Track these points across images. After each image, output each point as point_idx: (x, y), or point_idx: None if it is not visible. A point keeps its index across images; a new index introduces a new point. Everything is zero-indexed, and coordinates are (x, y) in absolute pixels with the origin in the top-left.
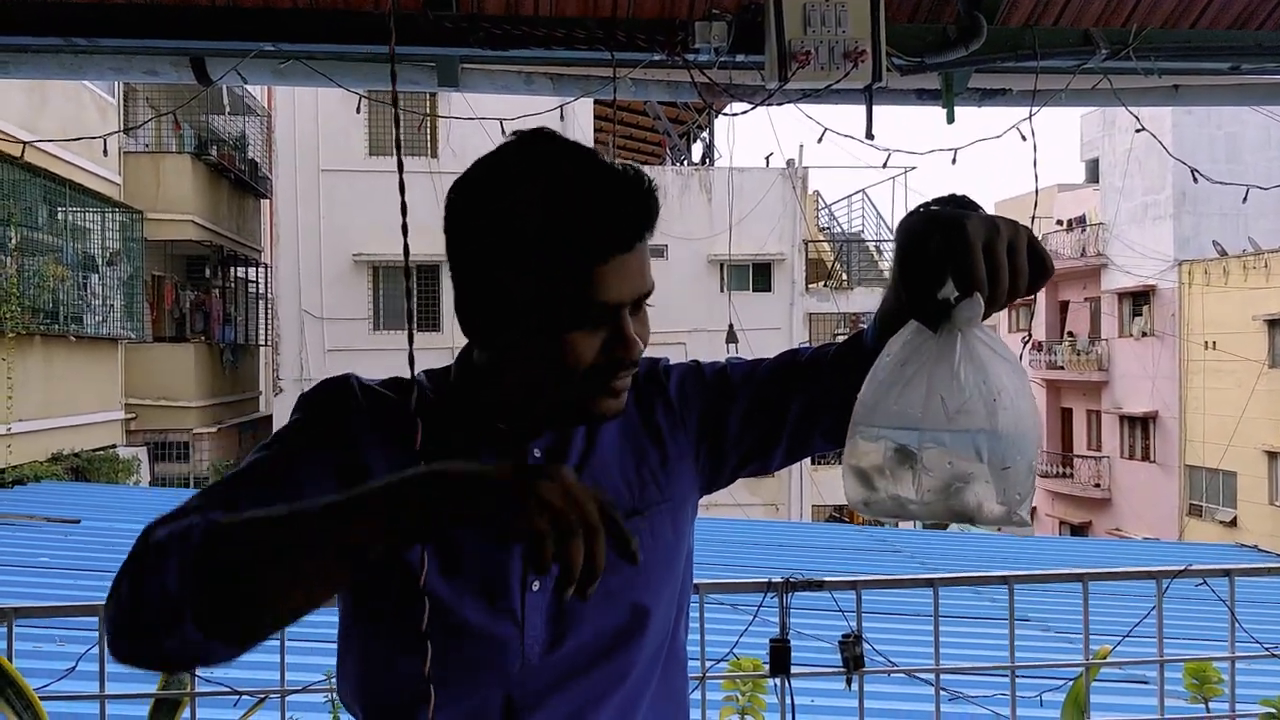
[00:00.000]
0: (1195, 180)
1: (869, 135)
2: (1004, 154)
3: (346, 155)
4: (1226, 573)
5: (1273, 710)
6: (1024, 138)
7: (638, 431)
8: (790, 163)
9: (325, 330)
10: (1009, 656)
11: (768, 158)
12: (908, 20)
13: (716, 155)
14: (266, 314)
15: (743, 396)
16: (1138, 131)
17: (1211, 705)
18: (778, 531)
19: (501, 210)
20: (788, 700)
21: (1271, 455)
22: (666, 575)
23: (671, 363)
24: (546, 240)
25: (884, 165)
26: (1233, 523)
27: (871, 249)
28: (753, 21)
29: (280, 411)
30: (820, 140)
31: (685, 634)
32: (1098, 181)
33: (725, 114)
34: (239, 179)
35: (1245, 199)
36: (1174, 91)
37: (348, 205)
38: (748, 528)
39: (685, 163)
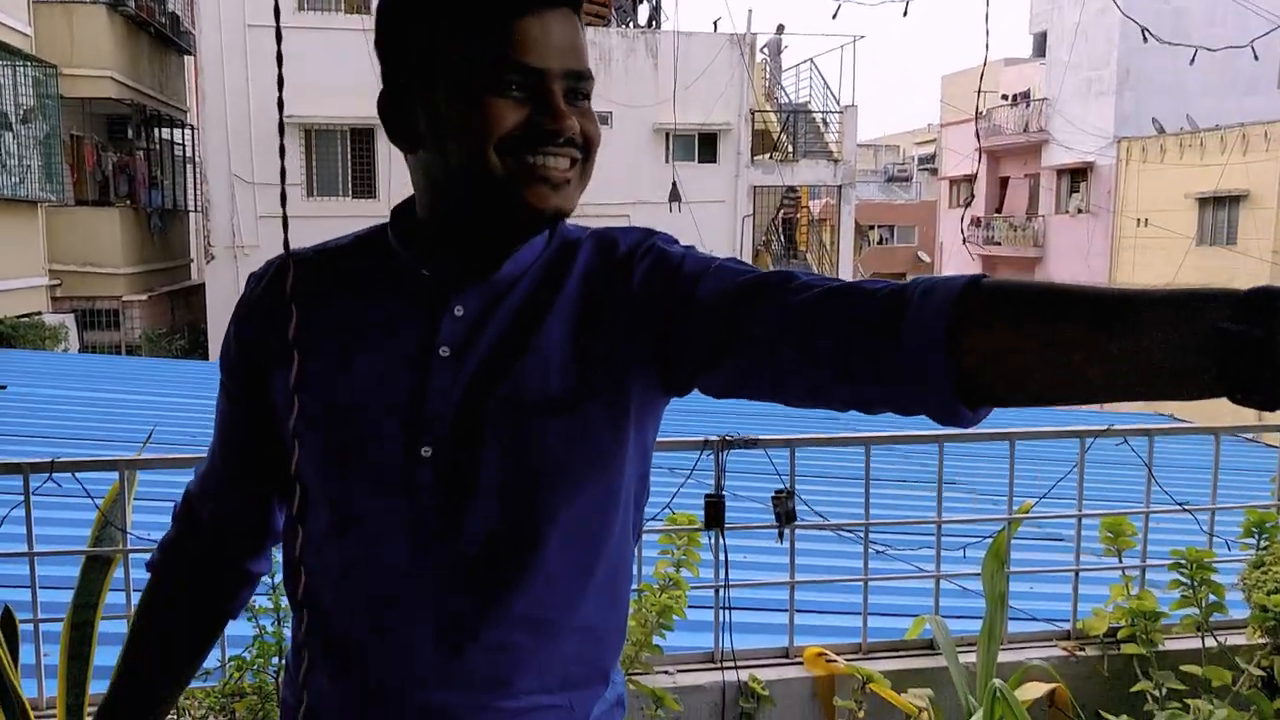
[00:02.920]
0: (1145, 39)
1: None
2: (951, 28)
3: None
4: (1146, 433)
5: (1181, 560)
6: None
7: (590, 315)
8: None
9: (257, 196)
10: (936, 512)
11: (715, 23)
12: None
13: (663, 17)
14: (195, 178)
15: (703, 321)
16: None
17: (1124, 557)
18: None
19: None
20: (722, 556)
21: None
22: (593, 477)
23: (659, 242)
24: None
25: (834, 16)
26: None
27: (817, 120)
28: None
29: (214, 280)
30: None
31: (631, 551)
32: (1044, 56)
33: None
34: (160, 33)
35: (1193, 61)
36: None
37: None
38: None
39: (631, 25)
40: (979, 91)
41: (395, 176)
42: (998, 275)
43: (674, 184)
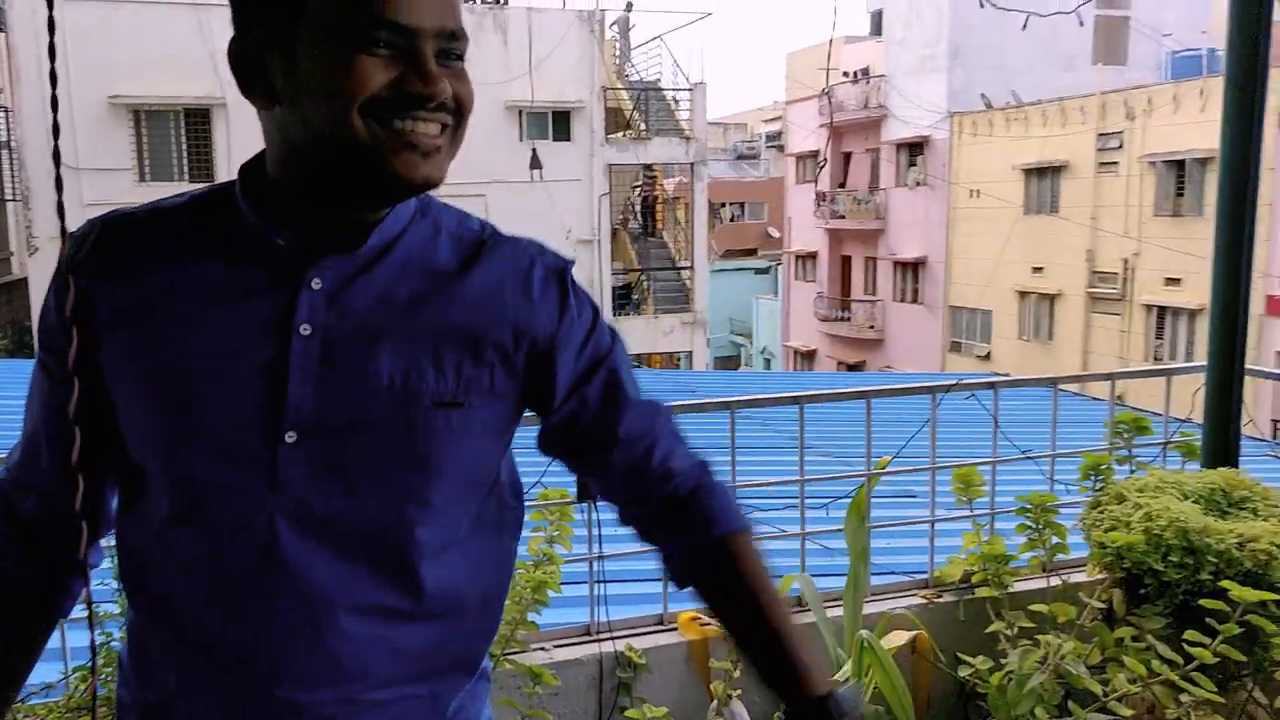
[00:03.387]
0: (982, 5)
1: None
2: (793, 6)
3: None
4: (991, 385)
5: (1026, 506)
6: None
7: (494, 318)
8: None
9: (83, 182)
10: (799, 473)
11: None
12: None
13: None
14: (12, 164)
15: (587, 431)
16: None
17: (974, 506)
18: None
19: None
20: (595, 529)
21: (1022, 294)
22: (466, 470)
23: (577, 285)
24: None
25: None
26: (987, 356)
27: (668, 98)
28: None
29: (38, 273)
30: None
31: (509, 544)
32: (881, 34)
33: None
34: None
35: (1025, 26)
36: None
37: (102, 40)
38: None
39: (479, 0)
40: (826, 70)
41: (236, 159)
42: (739, 542)
43: (533, 151)
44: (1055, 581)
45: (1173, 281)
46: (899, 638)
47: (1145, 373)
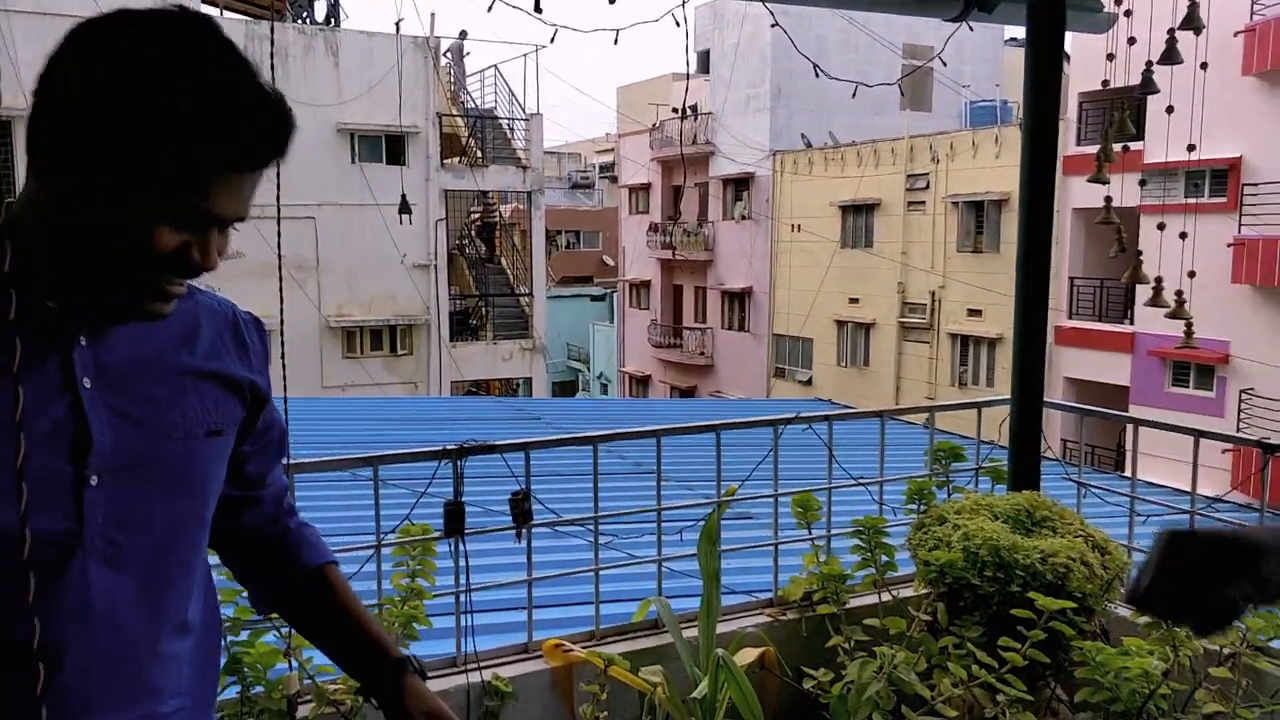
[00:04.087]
0: (817, 76)
1: (538, 9)
2: (623, 41)
3: None
4: (827, 418)
5: (860, 528)
6: (678, 23)
7: (223, 358)
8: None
9: None
10: (656, 502)
11: (398, 24)
12: None
13: (343, 16)
14: None
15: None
16: (773, 26)
17: (813, 529)
18: (412, 407)
19: (146, 90)
20: (462, 562)
21: (840, 324)
22: (217, 491)
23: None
24: (184, 137)
25: (552, 40)
26: (808, 382)
27: (504, 126)
28: None
29: None
30: (490, 8)
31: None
32: (708, 73)
33: None
34: None
35: (854, 95)
36: None
37: None
38: (382, 404)
39: (308, 20)
40: (687, 108)
41: None
42: (332, 575)
43: (403, 197)
44: (886, 597)
45: (974, 313)
46: (749, 654)
47: (960, 405)
